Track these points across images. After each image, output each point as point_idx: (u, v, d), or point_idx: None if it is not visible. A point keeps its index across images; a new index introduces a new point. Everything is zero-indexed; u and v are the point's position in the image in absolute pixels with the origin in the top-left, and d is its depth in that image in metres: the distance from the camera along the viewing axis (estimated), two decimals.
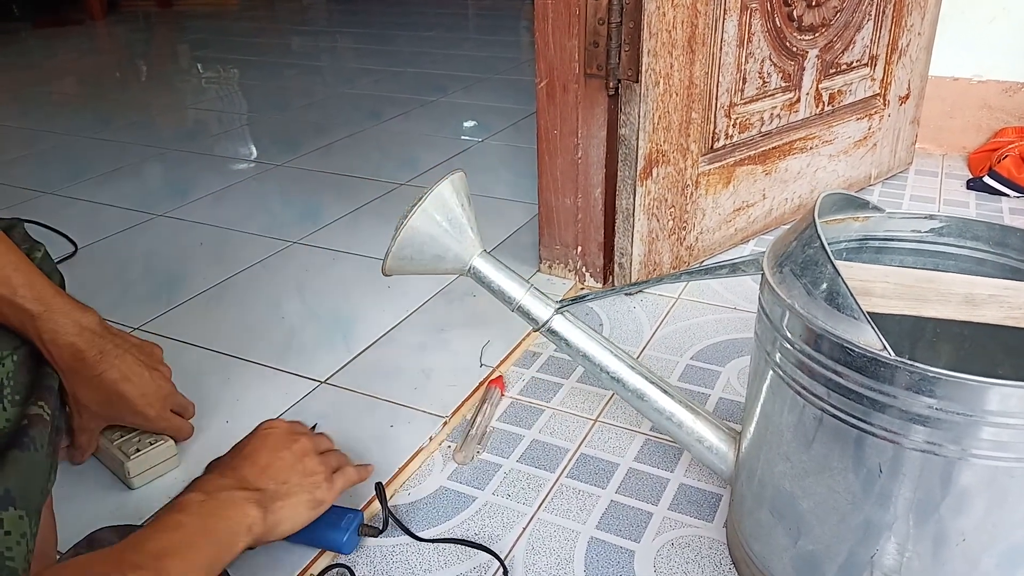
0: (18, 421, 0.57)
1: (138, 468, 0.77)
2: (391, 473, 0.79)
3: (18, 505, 0.52)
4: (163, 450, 0.79)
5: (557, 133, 1.08)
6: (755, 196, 1.22)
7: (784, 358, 0.55)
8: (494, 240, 1.30)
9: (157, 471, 0.79)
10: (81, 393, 0.71)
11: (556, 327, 0.71)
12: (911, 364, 0.46)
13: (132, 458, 0.76)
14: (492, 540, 0.72)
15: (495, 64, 2.64)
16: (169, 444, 0.80)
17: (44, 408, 0.59)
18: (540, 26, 1.02)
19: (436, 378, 0.94)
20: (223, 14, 4.02)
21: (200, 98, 2.41)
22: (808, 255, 0.54)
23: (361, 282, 1.17)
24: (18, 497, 0.52)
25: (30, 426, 0.56)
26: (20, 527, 0.51)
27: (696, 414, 0.68)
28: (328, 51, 3.11)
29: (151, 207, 1.48)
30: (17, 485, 0.52)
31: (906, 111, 1.45)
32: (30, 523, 0.53)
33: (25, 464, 0.54)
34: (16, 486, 0.52)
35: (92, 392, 0.71)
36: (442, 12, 3.84)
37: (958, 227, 0.65)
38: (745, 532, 0.65)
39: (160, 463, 0.79)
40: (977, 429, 0.47)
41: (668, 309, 1.08)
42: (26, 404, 0.59)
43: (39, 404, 0.59)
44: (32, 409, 0.58)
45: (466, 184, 0.71)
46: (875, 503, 0.52)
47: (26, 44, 3.34)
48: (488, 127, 1.94)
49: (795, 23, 1.15)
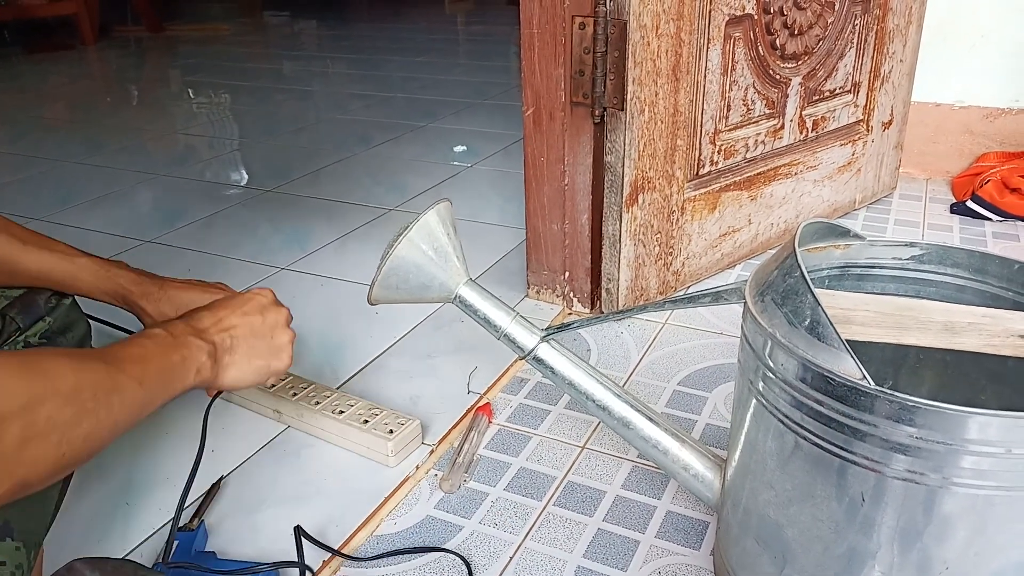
0: None
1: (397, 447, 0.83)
2: (378, 502, 0.79)
3: (16, 536, 0.53)
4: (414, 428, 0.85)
5: (544, 160, 1.08)
6: (741, 221, 1.23)
7: (767, 387, 0.55)
8: (482, 265, 1.30)
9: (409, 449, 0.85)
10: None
11: (542, 355, 0.71)
12: (891, 393, 0.47)
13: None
14: (479, 569, 0.71)
15: (485, 89, 2.66)
16: (417, 423, 0.86)
17: None
18: (526, 54, 1.04)
19: (423, 405, 0.94)
20: (214, 39, 4.05)
21: (191, 123, 2.42)
22: (789, 284, 0.54)
23: (349, 308, 1.17)
24: (17, 528, 0.53)
25: None
26: (16, 558, 0.52)
27: (682, 442, 0.69)
28: (319, 76, 3.13)
29: (140, 233, 1.48)
30: (17, 517, 0.53)
31: (889, 136, 1.47)
32: (28, 555, 0.54)
33: (29, 497, 0.54)
34: (16, 518, 0.53)
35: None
36: (433, 37, 3.88)
37: (938, 254, 0.65)
38: (731, 560, 0.65)
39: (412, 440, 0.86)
40: (958, 458, 0.47)
41: (655, 334, 1.09)
42: None
43: None
44: None
45: (452, 213, 0.72)
46: (858, 532, 0.52)
47: (17, 69, 3.35)
48: (477, 152, 1.95)
49: (778, 51, 1.17)
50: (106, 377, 0.54)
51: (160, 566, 0.69)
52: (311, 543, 0.72)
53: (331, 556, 0.72)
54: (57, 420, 0.48)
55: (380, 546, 0.74)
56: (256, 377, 0.73)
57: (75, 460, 0.50)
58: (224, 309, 0.72)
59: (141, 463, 0.86)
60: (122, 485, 0.83)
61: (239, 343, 0.71)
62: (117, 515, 0.79)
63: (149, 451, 0.88)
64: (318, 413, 0.87)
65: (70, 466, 0.51)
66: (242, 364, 0.71)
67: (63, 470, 0.50)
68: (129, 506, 0.80)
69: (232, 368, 0.70)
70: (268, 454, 0.87)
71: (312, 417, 0.88)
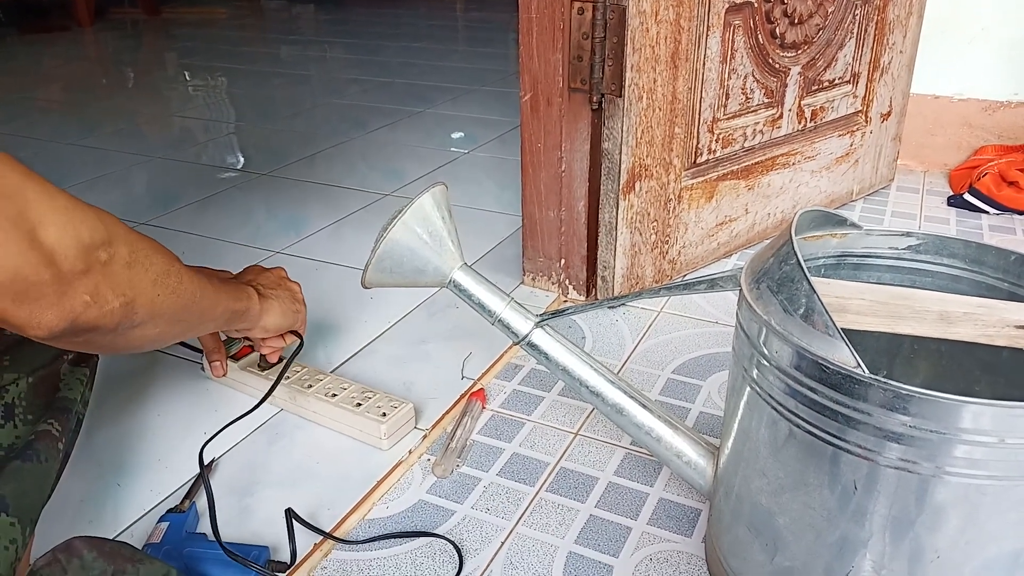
0: (27, 438, 0.58)
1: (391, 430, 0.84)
2: (370, 486, 0.79)
3: (11, 512, 0.53)
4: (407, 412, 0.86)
5: (541, 146, 1.08)
6: (738, 211, 1.23)
7: (761, 374, 0.55)
8: (478, 252, 1.30)
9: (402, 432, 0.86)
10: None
11: (536, 341, 0.71)
12: (885, 382, 0.47)
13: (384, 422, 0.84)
14: (471, 554, 0.71)
15: (483, 76, 2.65)
16: (410, 407, 0.87)
17: (54, 425, 0.60)
18: (524, 40, 1.03)
19: (417, 390, 0.94)
20: (211, 22, 4.02)
21: (187, 106, 2.40)
22: (785, 272, 0.54)
23: (343, 293, 1.17)
24: (12, 504, 0.53)
25: (37, 440, 0.58)
26: (10, 533, 0.53)
27: (675, 429, 0.68)
28: (316, 61, 3.11)
29: (135, 216, 1.47)
30: (13, 493, 0.54)
31: (888, 128, 1.46)
32: (22, 531, 0.54)
33: (25, 474, 0.56)
34: (12, 493, 0.54)
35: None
36: (431, 23, 3.85)
37: (935, 245, 0.65)
38: (723, 548, 0.65)
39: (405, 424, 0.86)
40: (951, 447, 0.47)
41: (650, 322, 1.08)
42: (37, 423, 0.60)
43: (50, 422, 0.60)
44: (42, 426, 0.60)
45: (447, 197, 0.71)
46: (850, 520, 0.52)
47: (12, 50, 3.32)
48: (475, 139, 1.95)
49: (778, 40, 1.16)
50: (177, 260, 0.62)
51: (150, 548, 0.69)
52: (302, 526, 0.72)
53: (322, 539, 0.72)
54: (153, 259, 0.57)
55: (372, 530, 0.74)
56: (286, 320, 0.84)
57: (166, 310, 0.59)
58: (240, 273, 0.85)
59: (133, 445, 0.85)
60: (114, 466, 0.82)
61: (268, 291, 0.83)
62: (108, 496, 0.78)
63: (140, 433, 0.87)
64: (311, 396, 0.87)
65: (161, 316, 0.58)
66: (277, 307, 0.82)
67: (156, 318, 0.57)
68: (120, 487, 0.80)
69: (270, 312, 0.81)
70: (261, 436, 0.87)
71: (304, 400, 0.87)
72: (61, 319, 0.48)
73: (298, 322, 0.87)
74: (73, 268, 0.48)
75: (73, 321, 0.49)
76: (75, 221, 0.48)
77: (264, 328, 0.82)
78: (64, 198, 0.48)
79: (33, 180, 0.47)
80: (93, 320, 0.50)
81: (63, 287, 0.48)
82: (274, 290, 0.84)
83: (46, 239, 0.46)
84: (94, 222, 0.50)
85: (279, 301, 0.83)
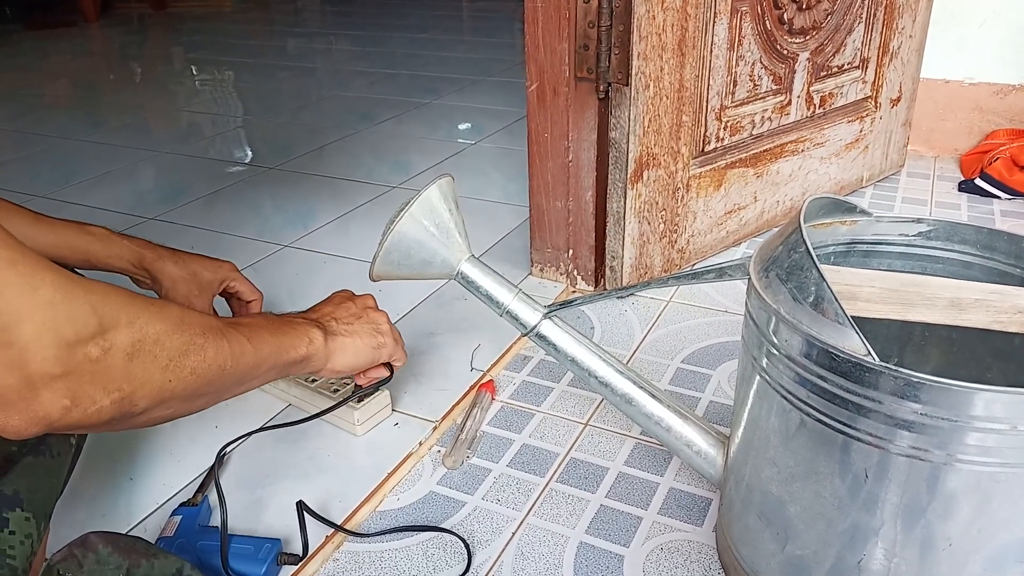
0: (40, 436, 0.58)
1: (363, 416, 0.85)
2: (380, 478, 0.79)
3: (25, 507, 0.54)
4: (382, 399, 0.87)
5: (548, 136, 1.07)
6: (746, 199, 1.22)
7: (771, 363, 0.55)
8: (486, 243, 1.30)
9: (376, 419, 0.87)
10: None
11: (544, 332, 0.71)
12: (896, 369, 0.46)
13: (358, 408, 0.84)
14: (482, 545, 0.71)
15: (489, 66, 2.64)
16: (386, 394, 0.87)
17: None
18: (530, 29, 1.02)
19: (426, 382, 0.94)
20: (217, 16, 4.02)
21: (193, 100, 2.41)
22: (794, 260, 0.54)
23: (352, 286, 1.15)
24: (27, 499, 0.54)
25: (48, 434, 0.58)
26: (25, 528, 0.53)
27: (685, 418, 0.68)
28: (322, 53, 3.10)
29: (143, 210, 1.48)
30: (28, 488, 0.54)
31: (897, 113, 1.45)
32: (37, 525, 0.54)
33: (38, 469, 0.56)
34: (26, 488, 0.54)
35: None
36: (437, 14, 3.84)
37: (946, 231, 0.65)
38: (734, 537, 0.65)
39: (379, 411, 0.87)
40: (962, 434, 0.46)
41: (659, 312, 1.08)
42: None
43: None
44: None
45: (454, 188, 0.71)
46: (861, 508, 0.52)
47: (18, 46, 3.33)
48: (481, 130, 1.94)
49: (786, 26, 1.15)
50: (216, 324, 0.56)
51: (163, 542, 0.69)
52: (314, 518, 0.72)
53: (334, 531, 0.72)
54: (165, 343, 0.50)
55: (383, 522, 0.74)
56: (371, 355, 0.76)
57: (180, 393, 0.52)
58: (318, 305, 0.77)
59: (145, 440, 0.86)
60: (126, 461, 0.83)
61: (342, 326, 0.74)
62: (121, 490, 0.79)
63: (153, 428, 0.88)
64: (291, 380, 0.89)
65: (174, 399, 0.52)
66: (351, 345, 0.74)
67: (167, 401, 0.51)
68: (133, 482, 0.80)
69: (340, 352, 0.72)
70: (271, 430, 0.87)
71: (286, 384, 0.90)
72: (29, 424, 0.44)
73: (381, 357, 0.78)
74: (46, 371, 0.43)
75: (49, 425, 0.44)
76: (58, 317, 0.43)
77: (333, 371, 0.73)
78: (50, 290, 0.43)
79: (15, 268, 0.42)
80: (76, 421, 0.46)
81: (31, 392, 0.43)
82: (350, 324, 0.75)
83: (19, 338, 0.42)
84: (84, 315, 0.45)
85: (355, 338, 0.74)
